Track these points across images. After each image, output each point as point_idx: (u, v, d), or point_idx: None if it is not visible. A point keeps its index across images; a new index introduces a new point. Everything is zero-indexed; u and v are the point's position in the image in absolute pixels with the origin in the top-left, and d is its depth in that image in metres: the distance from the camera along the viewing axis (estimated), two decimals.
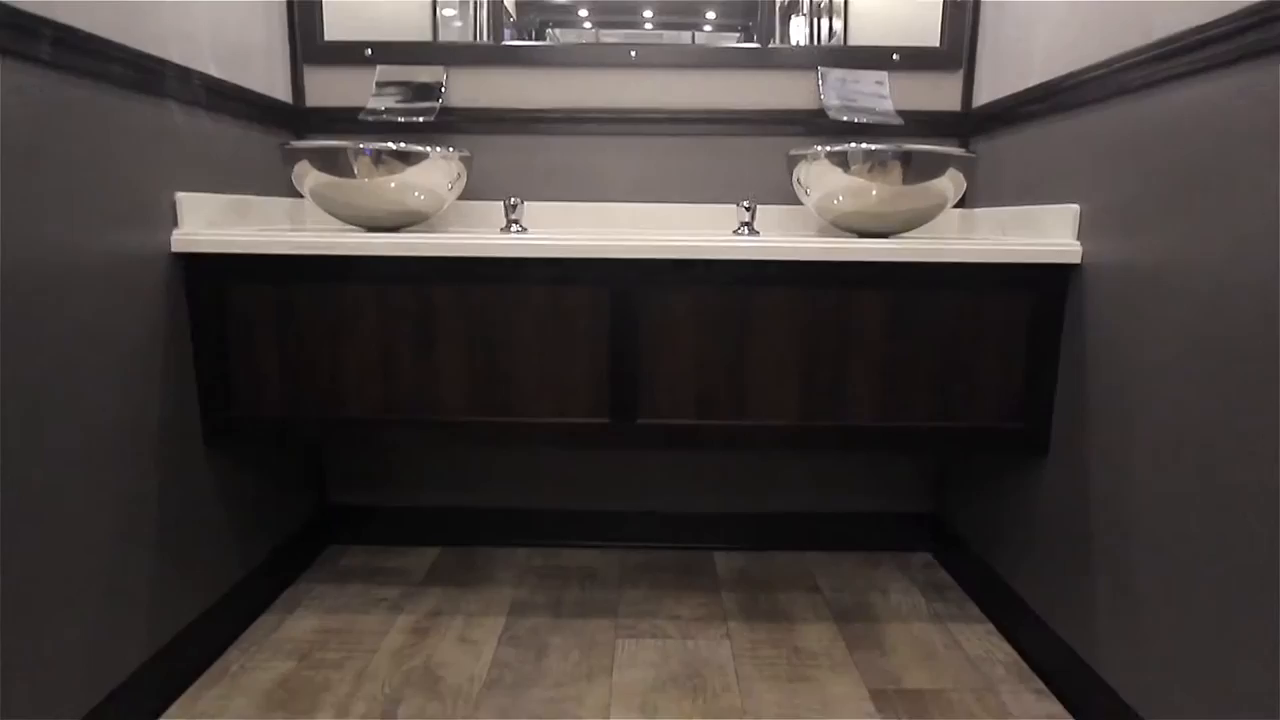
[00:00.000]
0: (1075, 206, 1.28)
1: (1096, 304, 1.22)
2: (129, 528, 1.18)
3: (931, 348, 1.32)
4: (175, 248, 1.27)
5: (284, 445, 1.69)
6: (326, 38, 1.72)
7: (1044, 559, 1.37)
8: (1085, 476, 1.25)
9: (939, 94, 1.73)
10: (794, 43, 1.83)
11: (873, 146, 1.33)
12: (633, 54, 1.71)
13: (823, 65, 1.71)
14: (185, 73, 1.29)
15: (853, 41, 1.76)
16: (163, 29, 1.25)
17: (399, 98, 1.68)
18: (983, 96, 1.67)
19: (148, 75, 1.20)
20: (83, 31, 1.05)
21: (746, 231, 1.49)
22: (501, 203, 1.60)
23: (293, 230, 1.45)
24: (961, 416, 1.34)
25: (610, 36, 1.85)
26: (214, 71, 1.39)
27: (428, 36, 1.78)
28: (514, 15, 1.80)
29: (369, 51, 1.71)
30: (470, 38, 1.77)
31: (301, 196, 1.57)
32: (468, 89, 1.72)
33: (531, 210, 1.73)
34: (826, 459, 1.87)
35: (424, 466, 1.88)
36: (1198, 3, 1.00)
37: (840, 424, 1.34)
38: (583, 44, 1.79)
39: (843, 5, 1.83)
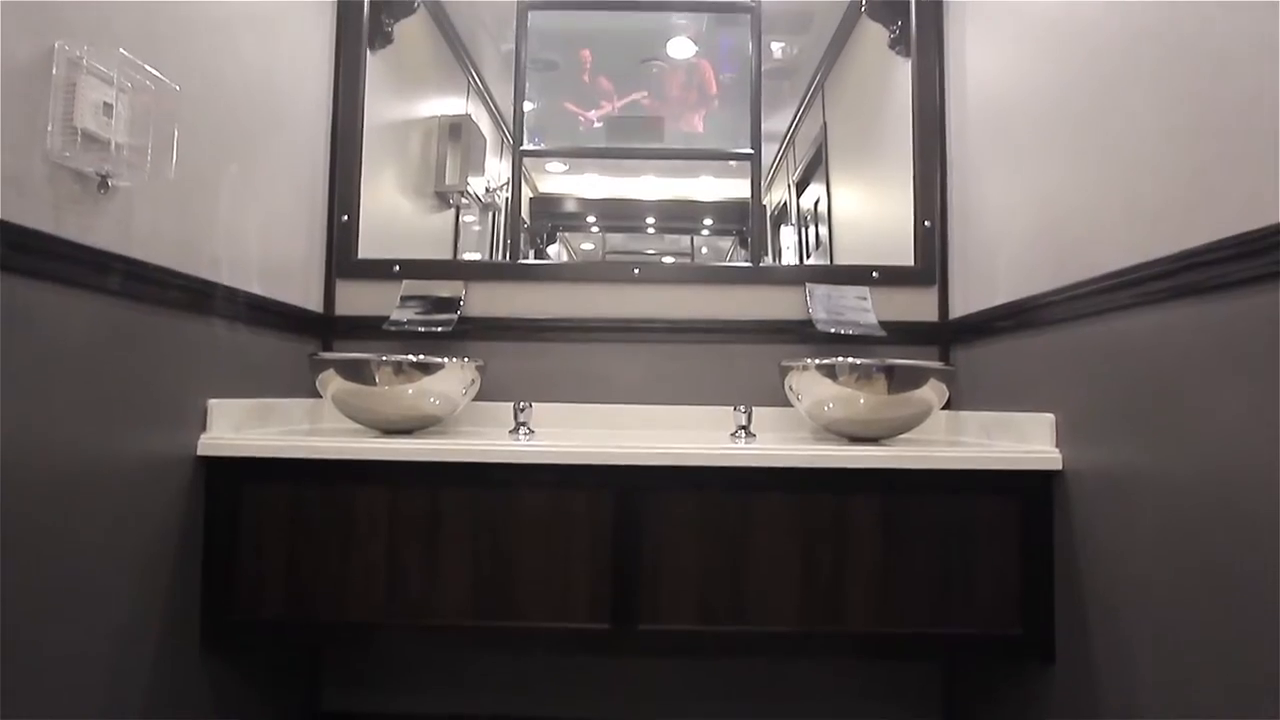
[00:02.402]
0: (1051, 416, 1.36)
1: (1082, 509, 1.27)
2: None
3: (927, 553, 1.35)
4: (200, 451, 1.34)
5: (283, 649, 1.66)
6: (360, 255, 1.90)
7: None
8: (1093, 683, 1.22)
9: (918, 306, 1.88)
10: (784, 247, 2.03)
11: (858, 361, 1.44)
12: (636, 271, 1.89)
13: (809, 282, 1.88)
14: (232, 293, 1.43)
15: (837, 248, 1.96)
16: (217, 254, 1.41)
17: (420, 309, 1.84)
18: (957, 310, 1.81)
19: (199, 297, 1.33)
20: (151, 264, 1.20)
21: (744, 435, 1.56)
22: (511, 405, 1.69)
23: (310, 433, 1.53)
24: (961, 622, 1.33)
25: (615, 238, 2.06)
26: (257, 288, 1.54)
27: (450, 239, 2.00)
28: (528, 221, 2.01)
29: (397, 268, 1.89)
30: (488, 241, 1.99)
31: (321, 396, 1.66)
32: (484, 300, 1.88)
33: (540, 411, 1.82)
34: (833, 664, 1.82)
35: (420, 671, 1.83)
36: (1131, 246, 1.14)
37: (840, 630, 1.33)
38: (590, 262, 1.98)
39: (827, 214, 2.05)
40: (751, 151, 1.95)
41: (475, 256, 2.07)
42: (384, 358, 1.45)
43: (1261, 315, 0.90)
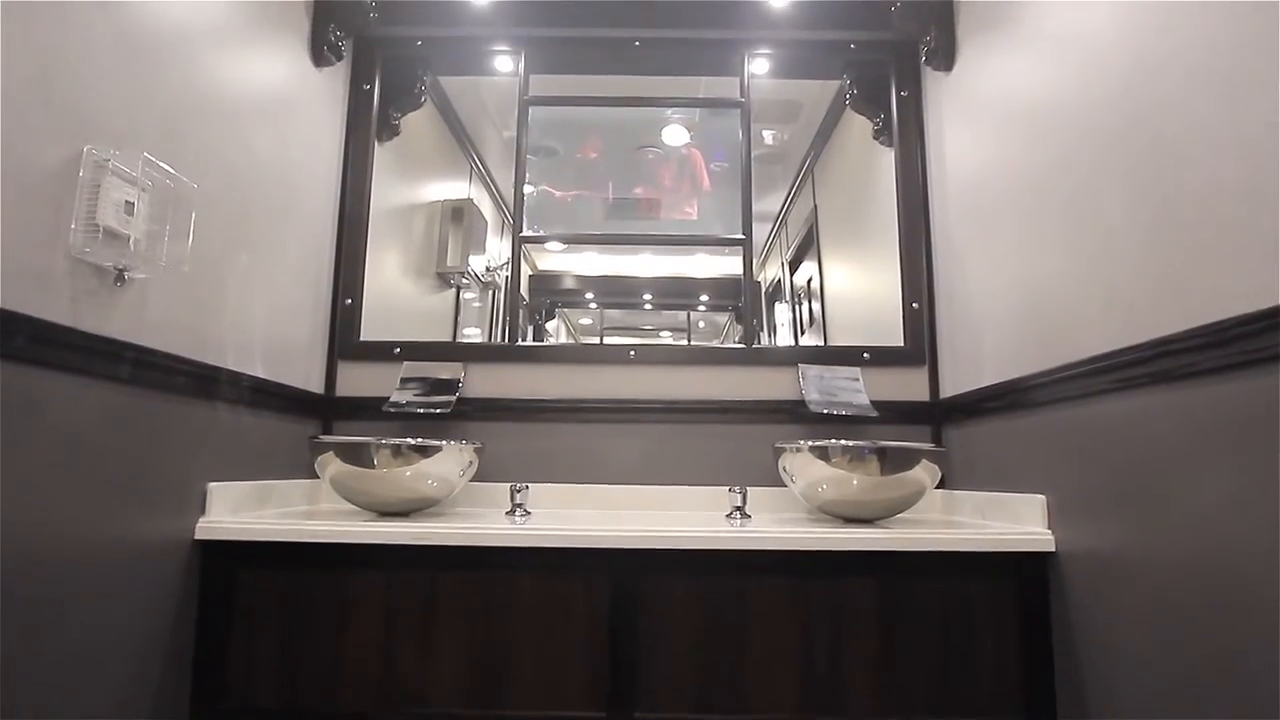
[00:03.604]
0: (1042, 497, 1.37)
1: (1077, 591, 1.27)
2: None
3: (925, 637, 1.34)
4: (198, 534, 1.34)
5: None
6: (362, 336, 1.95)
7: None
8: None
9: (909, 386, 1.91)
10: (779, 323, 2.09)
11: (850, 443, 1.46)
12: (631, 354, 1.93)
13: (802, 363, 1.91)
14: (236, 377, 1.47)
15: (830, 324, 2.04)
16: (224, 339, 1.45)
17: (420, 391, 1.87)
18: (947, 390, 1.85)
19: (205, 382, 1.36)
20: (160, 352, 1.23)
21: (739, 516, 1.57)
22: (508, 485, 1.71)
23: (307, 516, 1.53)
24: (962, 711, 1.31)
25: (613, 314, 2.12)
26: (260, 371, 1.57)
27: (450, 319, 2.08)
28: (527, 298, 2.06)
29: (398, 350, 1.93)
30: (488, 318, 2.07)
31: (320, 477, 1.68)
32: (482, 382, 1.91)
33: (537, 491, 1.82)
34: None
35: None
36: (1109, 333, 1.18)
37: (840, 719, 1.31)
38: (587, 344, 2.03)
39: (819, 291, 2.11)
40: (743, 237, 2.02)
41: (475, 332, 2.12)
42: (383, 441, 1.47)
43: (1232, 403, 0.93)
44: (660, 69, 2.14)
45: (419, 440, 1.49)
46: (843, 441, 1.47)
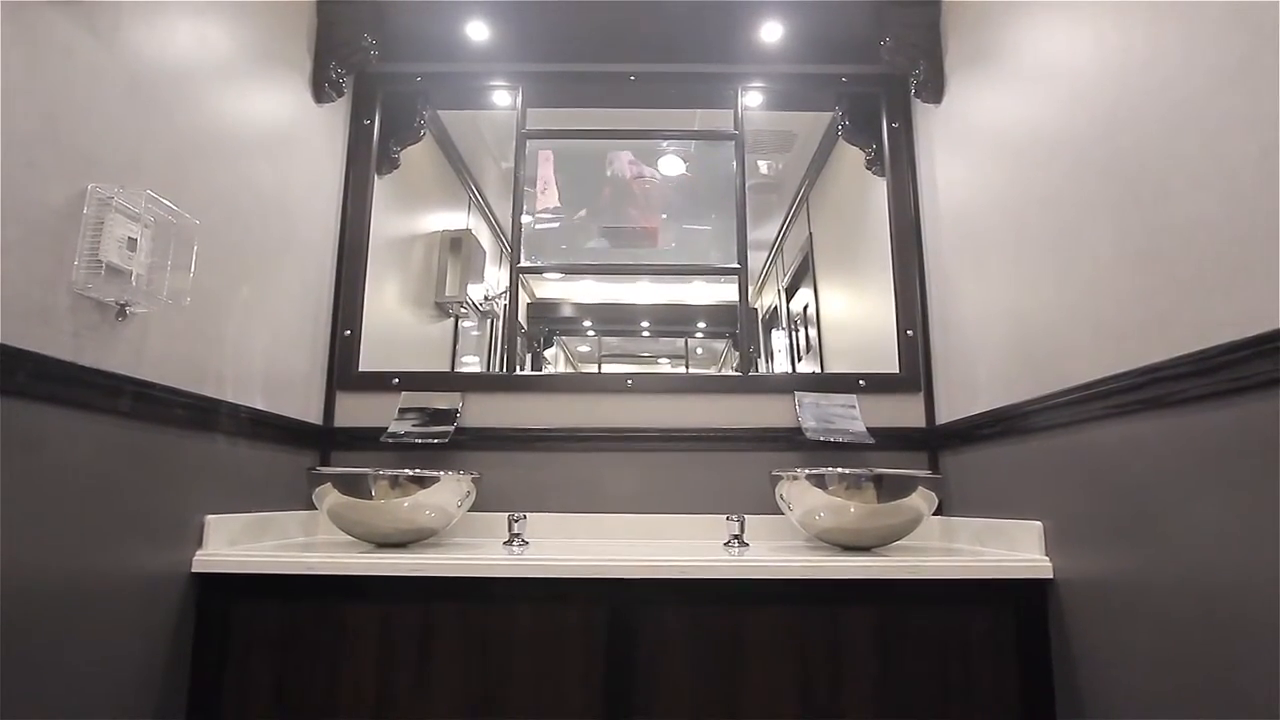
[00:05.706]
0: (1039, 523, 1.38)
1: (1075, 618, 1.27)
2: None
3: (924, 668, 1.33)
4: (195, 567, 1.34)
5: None
6: (361, 366, 1.95)
7: None
8: None
9: (905, 413, 1.92)
10: (776, 349, 2.10)
11: (846, 470, 1.47)
12: (629, 382, 1.94)
13: (798, 390, 1.92)
14: (235, 409, 1.47)
15: (826, 350, 2.05)
16: (224, 372, 1.46)
17: (418, 421, 1.87)
18: (942, 416, 1.85)
19: (204, 414, 1.37)
20: (160, 385, 1.24)
21: (736, 544, 1.57)
22: (506, 515, 1.70)
23: (304, 548, 1.53)
24: None
25: (611, 341, 2.13)
26: (260, 403, 1.58)
27: (448, 348, 2.09)
28: (525, 325, 2.07)
29: (396, 380, 1.94)
30: (486, 347, 2.09)
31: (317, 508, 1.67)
32: (480, 411, 1.92)
33: (534, 521, 1.82)
34: None
35: None
36: (1099, 360, 1.20)
37: None
38: (584, 373, 2.04)
39: (815, 317, 2.12)
40: (738, 266, 2.04)
41: (473, 360, 2.13)
42: (380, 471, 1.48)
43: (1223, 428, 0.94)
44: (655, 102, 2.18)
45: (416, 471, 1.50)
46: (839, 469, 1.48)
